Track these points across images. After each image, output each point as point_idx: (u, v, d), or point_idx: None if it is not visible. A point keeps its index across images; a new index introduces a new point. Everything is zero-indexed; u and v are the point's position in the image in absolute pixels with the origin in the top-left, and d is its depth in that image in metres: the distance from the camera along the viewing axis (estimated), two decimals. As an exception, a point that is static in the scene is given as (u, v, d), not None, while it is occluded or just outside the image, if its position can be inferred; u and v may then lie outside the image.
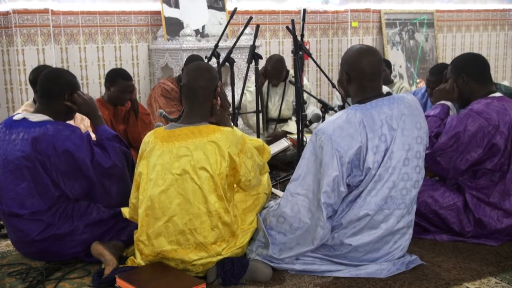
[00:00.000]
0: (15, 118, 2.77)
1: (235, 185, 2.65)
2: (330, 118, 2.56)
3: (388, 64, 5.52)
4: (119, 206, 2.79)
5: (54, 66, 4.97)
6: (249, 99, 4.78)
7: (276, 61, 4.77)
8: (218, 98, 2.64)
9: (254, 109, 3.98)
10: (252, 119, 4.64)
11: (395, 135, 2.46)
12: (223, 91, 2.66)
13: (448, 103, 3.08)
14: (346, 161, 2.41)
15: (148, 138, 2.57)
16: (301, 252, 2.52)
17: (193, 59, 4.74)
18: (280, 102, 4.88)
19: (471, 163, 2.87)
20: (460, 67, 3.03)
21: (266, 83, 4.90)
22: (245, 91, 4.57)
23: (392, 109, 2.48)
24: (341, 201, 2.50)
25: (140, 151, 2.59)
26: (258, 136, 3.81)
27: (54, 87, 2.77)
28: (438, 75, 3.60)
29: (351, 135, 2.42)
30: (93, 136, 2.96)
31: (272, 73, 4.78)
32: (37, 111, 2.78)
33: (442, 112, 3.01)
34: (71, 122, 3.37)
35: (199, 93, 2.56)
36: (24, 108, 3.56)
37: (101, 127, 2.87)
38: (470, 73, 2.98)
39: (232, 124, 2.77)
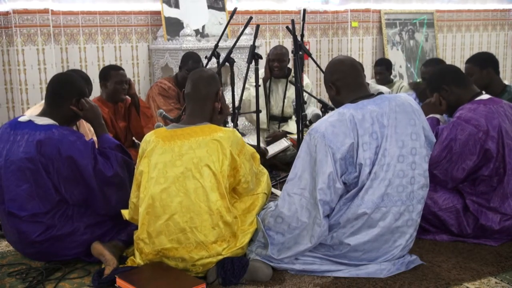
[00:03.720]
0: (20, 119, 2.77)
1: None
2: (323, 117, 2.61)
3: (388, 64, 5.53)
4: (118, 213, 2.79)
5: (54, 66, 5.00)
6: (253, 94, 4.76)
7: (278, 48, 4.78)
8: (220, 102, 2.69)
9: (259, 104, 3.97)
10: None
11: (386, 132, 2.48)
12: (222, 96, 2.72)
13: (437, 116, 3.11)
14: (339, 157, 2.43)
15: (149, 137, 2.59)
16: (299, 251, 2.52)
17: (189, 56, 4.77)
18: (282, 100, 4.87)
19: (468, 172, 2.88)
20: (438, 81, 3.08)
21: (268, 82, 4.87)
22: (248, 86, 4.56)
23: (382, 107, 2.52)
24: (339, 199, 2.50)
25: (140, 151, 2.60)
26: (258, 135, 3.81)
27: (64, 91, 2.79)
28: (433, 67, 3.69)
29: (344, 132, 2.45)
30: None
31: (275, 58, 4.73)
32: (43, 113, 2.79)
33: (431, 125, 2.99)
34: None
35: (201, 99, 2.64)
36: (37, 106, 3.57)
37: (104, 136, 2.88)
38: (449, 81, 3.03)
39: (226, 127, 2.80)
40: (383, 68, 5.45)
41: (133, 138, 4.35)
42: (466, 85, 3.04)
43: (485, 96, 3.01)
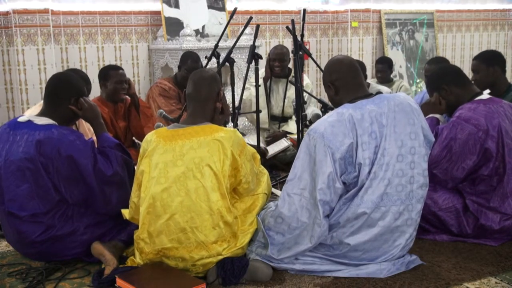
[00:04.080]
0: (19, 120, 2.77)
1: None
2: (322, 117, 2.62)
3: (389, 62, 5.54)
4: (118, 211, 2.80)
5: (54, 66, 4.99)
6: (254, 93, 4.76)
7: (279, 47, 4.79)
8: (221, 102, 2.70)
9: (260, 103, 3.97)
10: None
11: (385, 132, 2.48)
12: (223, 96, 2.73)
13: (437, 116, 3.11)
14: (338, 157, 2.43)
15: (150, 137, 2.59)
16: (299, 251, 2.52)
17: (188, 56, 4.77)
18: (282, 100, 4.87)
19: (468, 171, 2.88)
20: (437, 80, 3.08)
21: (269, 82, 4.87)
22: (249, 86, 4.56)
23: (381, 106, 2.52)
24: (339, 199, 2.50)
25: (141, 150, 2.60)
26: (258, 135, 3.81)
27: (62, 90, 2.79)
28: (436, 65, 3.73)
29: (343, 132, 2.45)
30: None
31: (275, 57, 4.73)
32: (42, 114, 2.79)
33: (431, 125, 2.99)
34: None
35: (203, 99, 2.65)
36: (36, 107, 3.58)
37: (103, 135, 2.88)
38: (448, 81, 3.04)
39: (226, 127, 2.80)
40: (385, 67, 5.46)
41: (133, 138, 4.35)
42: (465, 85, 3.04)
43: (484, 96, 3.01)
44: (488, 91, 3.27)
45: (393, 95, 2.60)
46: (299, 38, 3.87)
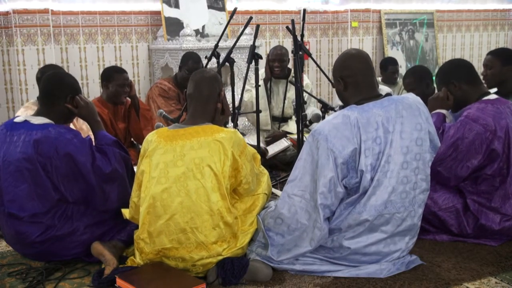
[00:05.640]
0: (16, 120, 2.77)
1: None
2: (327, 118, 2.57)
3: (395, 61, 5.56)
4: (118, 210, 2.79)
5: (54, 66, 4.99)
6: (255, 95, 4.76)
7: (278, 48, 4.80)
8: (222, 103, 2.70)
9: (261, 105, 3.96)
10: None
11: (390, 138, 2.43)
12: (224, 96, 2.74)
13: (444, 111, 3.08)
14: (340, 161, 2.40)
15: (151, 137, 2.59)
16: (299, 253, 2.51)
17: (189, 56, 4.77)
18: (282, 101, 4.88)
19: (472, 170, 2.87)
20: (448, 74, 3.05)
21: (269, 83, 4.87)
22: (250, 88, 4.56)
23: (389, 111, 2.46)
24: (340, 203, 2.48)
25: (142, 150, 2.60)
26: (258, 135, 3.81)
27: (57, 89, 2.79)
28: (412, 76, 3.79)
29: (347, 137, 2.41)
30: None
31: (275, 58, 4.74)
32: (38, 113, 2.79)
33: (438, 121, 2.98)
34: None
35: (204, 100, 2.65)
36: (27, 105, 3.57)
37: (100, 133, 2.88)
38: (459, 77, 3.00)
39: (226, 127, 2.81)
40: (397, 66, 5.51)
41: (131, 139, 4.35)
42: (475, 83, 3.01)
43: (492, 96, 2.99)
44: (495, 89, 3.25)
45: (402, 97, 2.54)
46: (299, 38, 3.86)
